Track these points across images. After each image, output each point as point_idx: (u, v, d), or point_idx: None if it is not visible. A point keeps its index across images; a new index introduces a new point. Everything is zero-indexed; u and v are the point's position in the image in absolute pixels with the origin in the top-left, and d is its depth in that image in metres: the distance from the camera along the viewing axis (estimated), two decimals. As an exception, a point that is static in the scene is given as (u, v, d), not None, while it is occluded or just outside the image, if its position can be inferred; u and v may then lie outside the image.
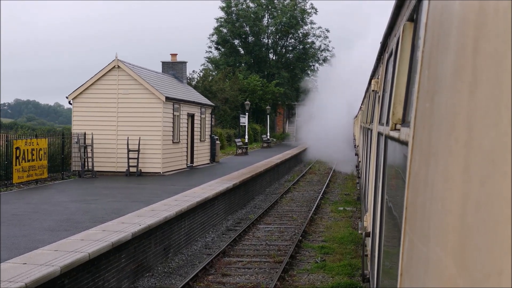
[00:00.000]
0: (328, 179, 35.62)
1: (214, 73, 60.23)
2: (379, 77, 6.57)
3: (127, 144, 24.49)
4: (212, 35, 69.30)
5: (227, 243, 16.86)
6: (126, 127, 24.85)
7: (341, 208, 24.37)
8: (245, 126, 47.66)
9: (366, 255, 6.61)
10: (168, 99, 25.00)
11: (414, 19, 2.96)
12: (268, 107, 60.76)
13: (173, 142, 26.11)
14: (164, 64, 32.43)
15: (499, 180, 0.96)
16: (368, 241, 6.34)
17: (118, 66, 24.82)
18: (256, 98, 62.08)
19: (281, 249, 16.56)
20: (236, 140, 42.68)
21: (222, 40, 68.46)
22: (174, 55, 32.52)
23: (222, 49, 69.23)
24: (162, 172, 24.90)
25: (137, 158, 24.49)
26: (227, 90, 52.59)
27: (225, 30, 68.49)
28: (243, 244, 17.26)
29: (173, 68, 32.18)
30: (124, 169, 24.73)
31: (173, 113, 26.01)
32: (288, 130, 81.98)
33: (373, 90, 7.68)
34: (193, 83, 49.80)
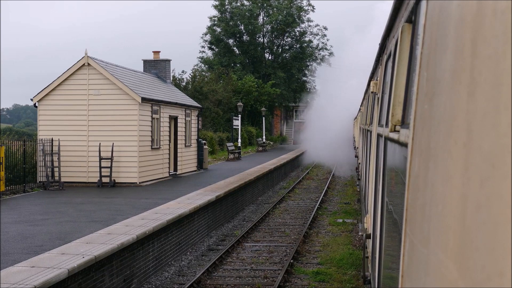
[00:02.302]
0: (327, 185, 32.96)
1: (207, 74, 57.51)
2: (378, 78, 6.51)
3: (99, 151, 21.78)
4: (206, 34, 66.55)
5: (205, 268, 14.19)
6: (98, 132, 22.15)
7: (340, 220, 21.70)
8: (238, 129, 44.86)
9: (367, 257, 6.49)
10: (145, 100, 22.29)
11: (412, 20, 2.98)
12: (263, 108, 57.93)
13: (152, 148, 23.40)
14: (146, 62, 29.71)
15: (499, 181, 0.96)
16: (369, 242, 6.23)
17: (88, 63, 22.13)
18: (251, 100, 59.30)
19: (268, 276, 13.88)
20: (228, 144, 39.91)
21: (215, 40, 65.63)
22: (156, 52, 29.80)
23: (216, 49, 66.42)
24: (139, 183, 22.18)
25: (110, 167, 21.78)
26: (219, 92, 49.80)
27: (218, 29, 65.68)
28: (223, 270, 14.58)
29: (156, 67, 29.46)
30: (96, 180, 22.03)
31: (151, 116, 23.30)
32: (286, 132, 79.32)
33: (372, 92, 7.54)
34: (183, 84, 47.02)
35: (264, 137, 56.59)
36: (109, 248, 10.95)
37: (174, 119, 26.38)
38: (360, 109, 22.31)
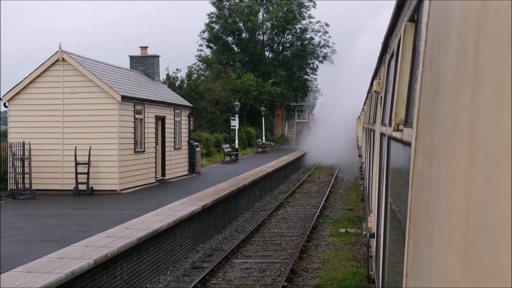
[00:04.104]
0: (329, 189, 30.82)
1: (205, 73, 55.36)
2: (381, 77, 6.58)
3: (75, 155, 19.66)
4: (203, 32, 64.26)
5: (184, 293, 12.10)
6: (74, 134, 20.03)
7: (343, 230, 19.57)
8: (235, 129, 42.64)
9: (371, 256, 6.54)
10: (126, 98, 20.16)
11: (415, 19, 3.01)
12: (263, 108, 55.66)
13: (135, 151, 21.27)
14: (133, 59, 27.54)
15: (503, 180, 0.97)
16: (373, 242, 6.22)
17: (62, 58, 20.01)
18: (250, 99, 57.07)
19: (257, 304, 11.76)
20: (224, 146, 37.72)
21: (213, 37, 63.33)
22: (144, 48, 27.66)
23: (214, 47, 64.11)
24: (120, 190, 20.04)
25: (87, 173, 19.66)
26: (217, 91, 47.57)
27: (217, 27, 63.40)
28: (205, 295, 12.47)
29: (143, 63, 27.32)
30: (72, 187, 19.91)
31: (134, 116, 21.17)
32: (288, 133, 77.13)
33: (375, 91, 7.61)
34: (177, 82, 44.82)
35: (264, 137, 54.38)
36: (53, 279, 8.83)
37: (161, 120, 24.25)
38: (363, 108, 21.41)
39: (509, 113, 0.95)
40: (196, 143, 28.62)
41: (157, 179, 23.62)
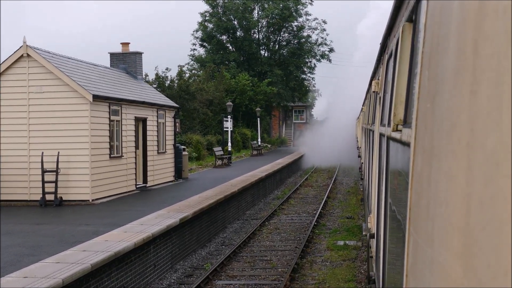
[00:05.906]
0: (327, 194, 28.78)
1: (198, 73, 53.32)
2: (380, 78, 6.61)
3: (41, 162, 17.61)
4: (197, 31, 62.10)
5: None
6: (40, 138, 17.98)
7: (341, 243, 17.56)
8: (228, 131, 40.52)
9: (371, 257, 6.47)
10: (98, 98, 18.09)
11: (413, 19, 3.03)
12: (258, 108, 53.52)
13: (110, 156, 19.20)
14: (113, 56, 25.48)
15: (502, 180, 0.96)
16: (373, 242, 6.21)
17: (27, 54, 17.97)
18: (246, 99, 54.97)
19: None
20: (215, 149, 35.61)
21: (207, 36, 61.17)
22: (125, 44, 25.61)
23: (208, 46, 61.96)
24: (92, 200, 17.97)
25: (55, 182, 17.60)
26: (210, 91, 45.47)
27: (210, 25, 61.27)
28: (177, 329, 10.43)
29: (125, 60, 25.26)
30: (39, 197, 17.86)
31: (109, 118, 19.11)
32: (285, 134, 75.08)
33: (373, 91, 7.75)
34: (167, 82, 42.73)
35: (259, 139, 52.26)
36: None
37: (142, 121, 22.19)
38: (362, 109, 20.76)
39: (508, 113, 0.94)
40: (183, 147, 26.57)
41: (137, 186, 21.56)
